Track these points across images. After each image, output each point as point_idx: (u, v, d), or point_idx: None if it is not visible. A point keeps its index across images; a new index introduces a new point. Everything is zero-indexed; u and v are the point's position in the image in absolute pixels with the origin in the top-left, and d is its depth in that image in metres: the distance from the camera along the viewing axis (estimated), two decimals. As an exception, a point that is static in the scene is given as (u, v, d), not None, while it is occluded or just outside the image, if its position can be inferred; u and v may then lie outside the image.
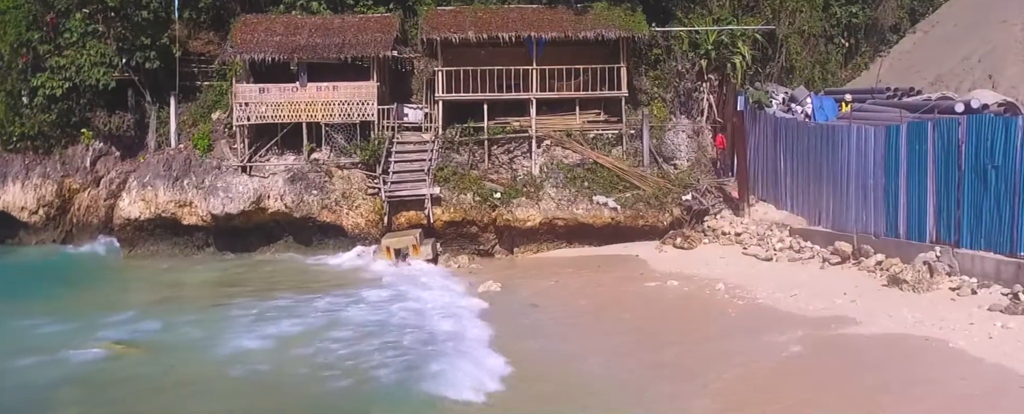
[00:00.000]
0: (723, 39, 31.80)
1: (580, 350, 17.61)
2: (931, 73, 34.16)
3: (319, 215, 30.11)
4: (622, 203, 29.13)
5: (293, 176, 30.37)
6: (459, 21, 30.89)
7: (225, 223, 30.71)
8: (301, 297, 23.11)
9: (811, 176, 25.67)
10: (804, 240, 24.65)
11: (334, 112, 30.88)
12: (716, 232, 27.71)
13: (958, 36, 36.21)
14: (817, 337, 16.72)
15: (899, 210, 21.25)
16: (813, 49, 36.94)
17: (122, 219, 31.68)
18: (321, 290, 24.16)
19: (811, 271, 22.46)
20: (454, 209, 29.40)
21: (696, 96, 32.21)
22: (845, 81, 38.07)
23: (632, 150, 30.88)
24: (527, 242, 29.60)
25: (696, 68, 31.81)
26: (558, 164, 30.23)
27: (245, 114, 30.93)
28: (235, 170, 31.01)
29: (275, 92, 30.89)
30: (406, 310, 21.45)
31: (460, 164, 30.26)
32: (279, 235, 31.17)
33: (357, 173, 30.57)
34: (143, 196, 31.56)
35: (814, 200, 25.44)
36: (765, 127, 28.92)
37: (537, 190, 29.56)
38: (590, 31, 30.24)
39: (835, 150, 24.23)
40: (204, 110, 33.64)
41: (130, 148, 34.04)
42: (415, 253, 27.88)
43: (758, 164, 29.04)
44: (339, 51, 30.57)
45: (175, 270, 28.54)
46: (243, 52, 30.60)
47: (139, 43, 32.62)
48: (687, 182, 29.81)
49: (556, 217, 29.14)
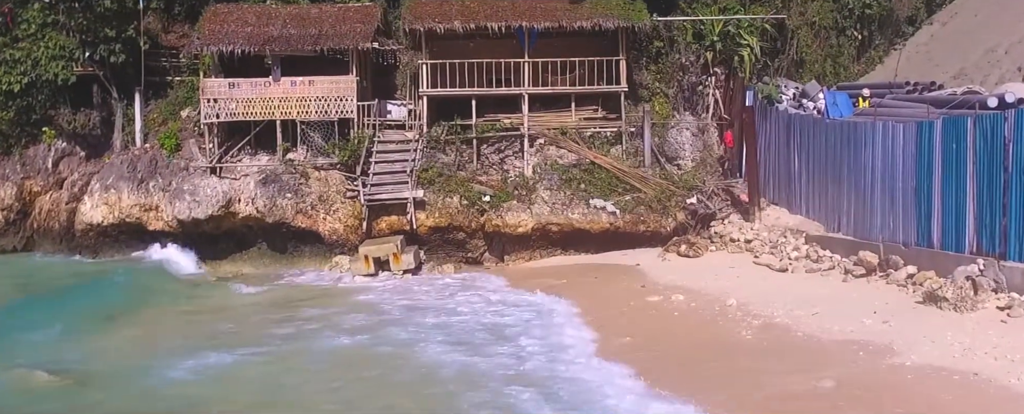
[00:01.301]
0: (730, 29, 29.49)
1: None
2: (953, 66, 31.87)
3: (293, 220, 27.82)
4: (621, 207, 26.86)
5: (265, 178, 28.07)
6: (445, 10, 28.56)
7: (193, 229, 28.44)
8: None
9: (829, 178, 23.38)
10: (822, 248, 22.36)
11: (310, 109, 28.58)
12: (724, 239, 25.43)
13: (980, 27, 33.92)
14: (849, 370, 14.31)
15: (933, 217, 18.94)
16: (824, 42, 34.67)
17: (84, 224, 29.55)
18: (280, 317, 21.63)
19: (832, 284, 20.14)
20: (439, 213, 27.13)
21: (701, 91, 29.93)
22: (858, 75, 35.80)
23: (632, 149, 28.61)
24: (518, 249, 27.32)
25: (701, 61, 29.52)
26: (552, 165, 27.93)
27: (214, 111, 28.62)
28: (204, 171, 28.74)
29: (246, 87, 28.57)
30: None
31: (446, 165, 27.98)
32: (252, 241, 28.92)
33: (335, 174, 28.28)
34: (106, 200, 29.39)
35: (833, 204, 23.14)
36: (776, 124, 26.64)
37: (529, 193, 27.28)
38: (586, 21, 27.95)
39: (857, 149, 21.93)
40: (175, 107, 31.39)
41: (96, 148, 31.82)
42: (396, 262, 25.59)
43: (769, 164, 26.76)
44: (315, 43, 28.27)
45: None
46: (210, 44, 28.27)
47: (103, 35, 30.32)
48: (692, 184, 27.57)
49: (550, 222, 26.85)
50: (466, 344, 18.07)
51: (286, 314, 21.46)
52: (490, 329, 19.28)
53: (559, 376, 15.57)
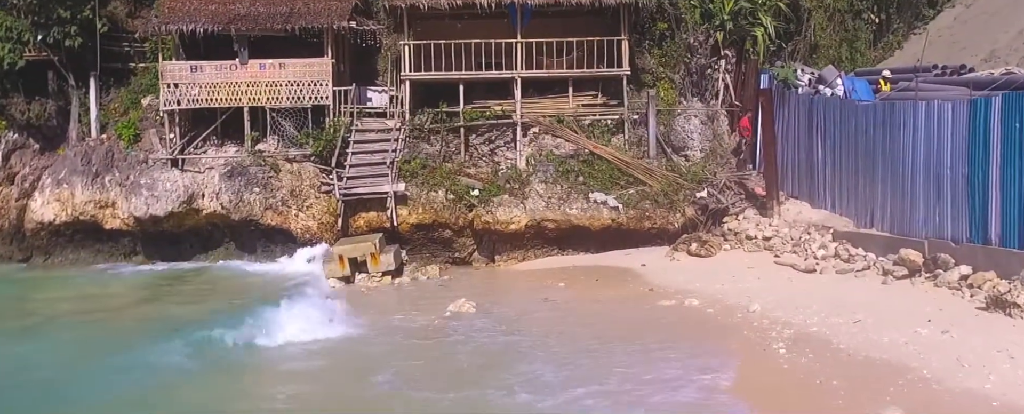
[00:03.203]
0: (742, 5, 26.85)
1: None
2: (982, 49, 29.41)
3: (262, 217, 25.23)
4: (624, 201, 24.26)
5: (231, 171, 25.45)
6: (429, -15, 25.89)
7: (152, 227, 25.82)
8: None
9: (860, 167, 20.79)
10: (854, 246, 19.78)
11: (281, 95, 25.95)
12: (739, 236, 22.83)
13: (1008, 8, 31.47)
14: (915, 396, 11.62)
15: (990, 208, 16.37)
16: (839, 25, 32.16)
17: (34, 223, 26.95)
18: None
19: (871, 287, 17.52)
20: (423, 209, 24.52)
21: (710, 75, 27.27)
22: (876, 61, 33.28)
23: (636, 139, 26.00)
24: (511, 248, 24.69)
25: (710, 42, 26.87)
26: (548, 155, 25.32)
27: (174, 97, 25.99)
28: (164, 164, 26.10)
29: (210, 71, 25.94)
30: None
31: (431, 156, 25.37)
32: (219, 241, 26.32)
33: (309, 167, 25.69)
34: (58, 196, 26.85)
35: (865, 197, 20.55)
36: (796, 109, 24.07)
37: (523, 186, 24.67)
38: (585, -5, 25.27)
39: (894, 133, 19.36)
40: (137, 95, 28.76)
41: (51, 140, 29.21)
42: (374, 263, 22.92)
43: (787, 154, 24.17)
44: (286, 22, 25.65)
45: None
46: (169, 23, 25.59)
47: (56, 16, 27.58)
48: (701, 176, 24.96)
49: (545, 218, 24.23)
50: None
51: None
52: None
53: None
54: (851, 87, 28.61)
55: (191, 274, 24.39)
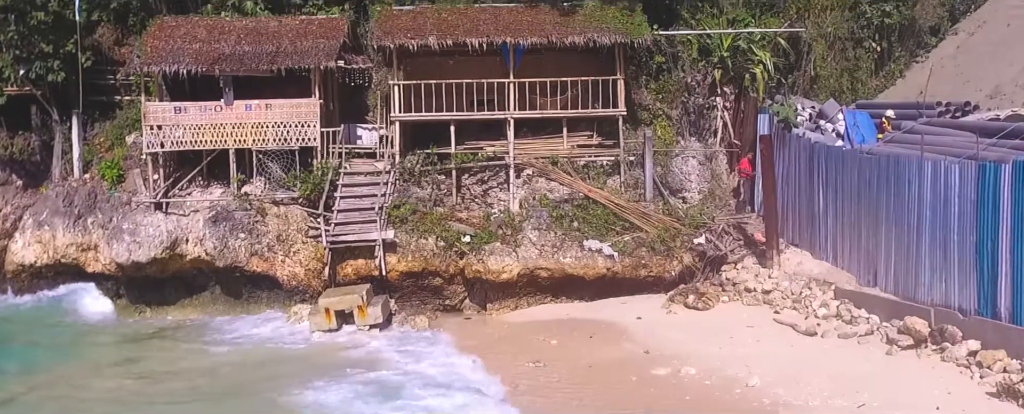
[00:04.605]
0: (740, 44, 26.17)
1: None
2: (987, 84, 28.71)
3: (248, 264, 24.47)
4: (620, 249, 23.55)
5: (216, 216, 24.69)
6: (419, 24, 25.20)
7: (135, 273, 25.09)
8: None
9: (863, 219, 20.11)
10: (856, 307, 19.10)
11: (267, 136, 25.23)
12: (738, 287, 22.15)
13: (1013, 38, 30.77)
14: None
15: (1000, 281, 15.70)
16: (840, 54, 31.43)
17: (15, 265, 26.30)
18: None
19: (874, 358, 16.84)
20: (413, 257, 23.81)
21: (708, 113, 26.59)
22: (877, 91, 32.60)
23: (632, 180, 25.32)
24: (503, 296, 23.99)
25: (708, 80, 26.20)
26: (541, 200, 24.60)
27: (158, 139, 25.25)
28: (147, 207, 25.34)
29: (194, 112, 25.20)
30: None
31: (421, 200, 24.64)
32: (204, 284, 25.56)
33: (296, 210, 24.96)
34: (39, 237, 26.21)
35: (868, 252, 19.87)
36: (796, 153, 23.38)
37: (515, 233, 23.95)
38: (579, 36, 24.56)
39: (899, 188, 18.66)
40: (122, 130, 28.06)
41: (35, 176, 28.60)
42: (361, 316, 22.25)
43: (788, 199, 23.48)
44: (272, 61, 24.90)
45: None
46: (153, 63, 24.87)
47: (38, 51, 26.90)
48: (699, 221, 24.29)
49: (538, 267, 23.52)
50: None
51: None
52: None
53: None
54: (853, 122, 27.97)
55: (170, 333, 23.46)
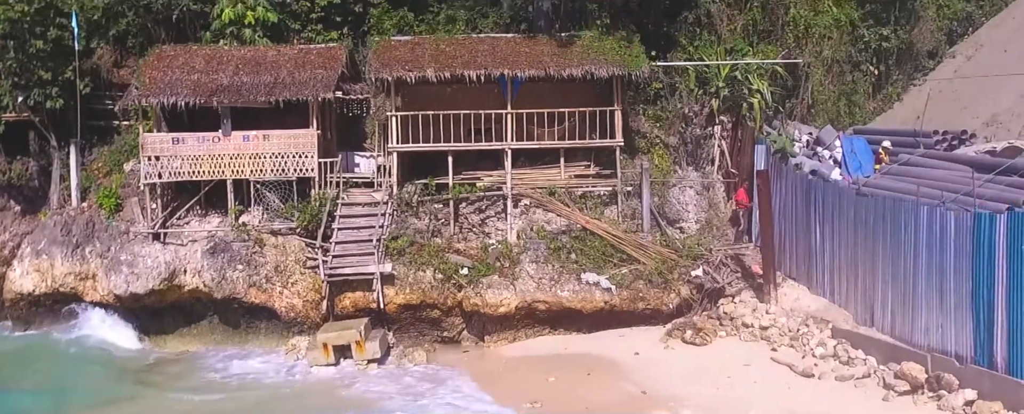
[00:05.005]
0: (737, 75, 26.20)
1: None
2: (984, 111, 28.80)
3: (246, 295, 24.48)
4: (617, 281, 23.59)
5: (214, 247, 24.69)
6: (417, 55, 25.21)
7: (133, 304, 25.10)
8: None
9: (859, 257, 20.16)
10: (854, 347, 19.16)
11: (265, 167, 25.25)
12: (735, 322, 22.20)
13: (1011, 65, 30.83)
14: None
15: (996, 331, 15.76)
16: (837, 78, 31.44)
17: (13, 293, 26.34)
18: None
19: (871, 403, 16.94)
20: (410, 289, 23.83)
21: (705, 143, 26.63)
22: (874, 114, 32.64)
23: (629, 211, 25.35)
24: (501, 328, 24.05)
25: (706, 111, 26.23)
26: (539, 231, 24.62)
27: (155, 170, 25.26)
28: (145, 237, 25.34)
29: (192, 143, 25.21)
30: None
31: (419, 231, 24.65)
32: (202, 313, 25.59)
33: (294, 241, 24.97)
34: (37, 266, 26.21)
35: (865, 290, 19.93)
36: (794, 187, 23.39)
37: (513, 266, 23.98)
38: (577, 68, 24.59)
39: (895, 230, 18.72)
40: (121, 156, 28.10)
41: (33, 202, 28.72)
42: (359, 351, 22.28)
43: (785, 231, 23.51)
44: (269, 93, 24.92)
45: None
46: (151, 96, 24.88)
47: (37, 78, 26.93)
48: (696, 252, 24.29)
49: (536, 300, 23.56)
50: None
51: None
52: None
53: None
54: (850, 148, 28.03)
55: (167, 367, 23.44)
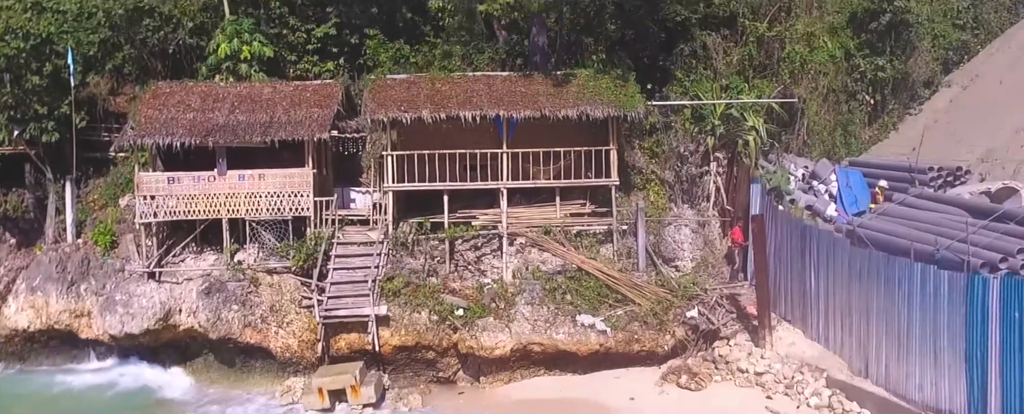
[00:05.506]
0: (733, 112, 26.24)
1: None
2: (979, 145, 28.91)
3: (241, 335, 24.44)
4: (612, 323, 23.61)
5: (209, 287, 24.66)
6: (412, 95, 25.20)
7: (128, 343, 25.10)
8: None
9: (854, 306, 20.18)
10: (848, 399, 19.19)
11: (261, 206, 25.25)
12: (731, 366, 22.21)
13: (1006, 98, 30.99)
14: None
15: (989, 390, 15.83)
16: (833, 107, 31.51)
17: (8, 330, 26.36)
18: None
19: (866, 461, 16.92)
20: (406, 331, 23.83)
21: (701, 180, 26.65)
22: (870, 143, 32.75)
23: (625, 249, 25.37)
24: (496, 370, 24.00)
25: (701, 149, 26.26)
26: (534, 272, 24.62)
27: (151, 209, 25.24)
28: (140, 276, 25.32)
29: (187, 182, 25.21)
30: None
31: (414, 271, 24.63)
32: (197, 351, 25.59)
33: (289, 279, 24.95)
34: (32, 303, 26.29)
35: (860, 339, 19.95)
36: (789, 229, 23.37)
37: (508, 307, 23.97)
38: (572, 109, 24.58)
39: (890, 286, 18.73)
40: (116, 189, 28.11)
41: (28, 234, 28.63)
42: (354, 395, 22.27)
43: (780, 272, 23.49)
44: (264, 133, 24.92)
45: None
46: (146, 136, 24.85)
47: (33, 112, 26.95)
48: (692, 292, 24.30)
49: (532, 342, 23.56)
50: None
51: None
52: None
53: None
54: (846, 182, 28.14)
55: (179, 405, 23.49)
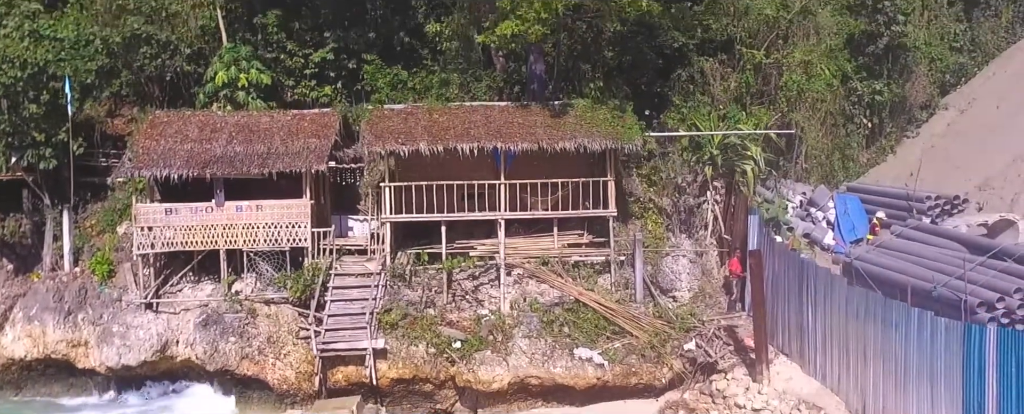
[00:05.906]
0: (730, 141, 26.25)
1: None
2: (976, 173, 28.97)
3: (239, 367, 24.52)
4: (610, 356, 23.63)
5: (206, 319, 24.70)
6: (409, 126, 25.20)
7: (125, 374, 25.13)
8: None
9: (851, 345, 20.16)
10: (845, 439, 19.15)
11: (258, 237, 25.25)
12: (728, 401, 22.16)
13: (1003, 124, 31.02)
14: None
15: (986, 442, 15.77)
16: (831, 131, 31.52)
17: (5, 359, 26.36)
18: None
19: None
20: (403, 364, 23.86)
21: (698, 210, 26.66)
22: (867, 166, 32.80)
23: (622, 280, 25.36)
24: (494, 402, 24.04)
25: (699, 179, 26.27)
26: (532, 304, 24.62)
27: (148, 241, 25.22)
28: (137, 307, 25.33)
29: (185, 214, 25.20)
30: None
31: (412, 303, 24.65)
32: (196, 380, 25.52)
33: (287, 310, 24.99)
34: (29, 332, 26.41)
35: (856, 378, 19.94)
36: (786, 262, 23.32)
37: (506, 340, 23.97)
38: (570, 141, 24.57)
39: (887, 328, 18.71)
40: (114, 216, 28.07)
41: (25, 259, 28.56)
42: (352, 431, 22.27)
43: (777, 303, 23.37)
44: (262, 165, 24.92)
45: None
46: (143, 168, 24.83)
47: (30, 139, 26.93)
48: (689, 324, 24.29)
49: (529, 375, 23.58)
50: None
51: None
52: None
53: None
54: (843, 209, 28.22)
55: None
